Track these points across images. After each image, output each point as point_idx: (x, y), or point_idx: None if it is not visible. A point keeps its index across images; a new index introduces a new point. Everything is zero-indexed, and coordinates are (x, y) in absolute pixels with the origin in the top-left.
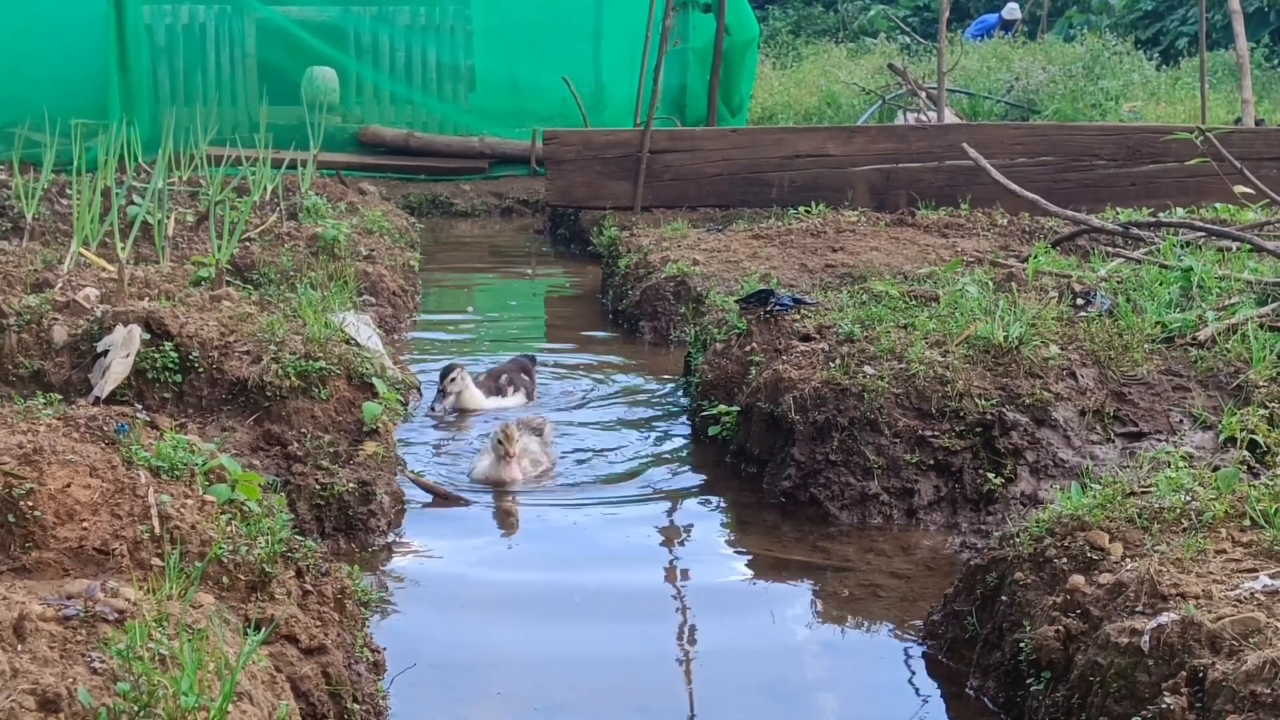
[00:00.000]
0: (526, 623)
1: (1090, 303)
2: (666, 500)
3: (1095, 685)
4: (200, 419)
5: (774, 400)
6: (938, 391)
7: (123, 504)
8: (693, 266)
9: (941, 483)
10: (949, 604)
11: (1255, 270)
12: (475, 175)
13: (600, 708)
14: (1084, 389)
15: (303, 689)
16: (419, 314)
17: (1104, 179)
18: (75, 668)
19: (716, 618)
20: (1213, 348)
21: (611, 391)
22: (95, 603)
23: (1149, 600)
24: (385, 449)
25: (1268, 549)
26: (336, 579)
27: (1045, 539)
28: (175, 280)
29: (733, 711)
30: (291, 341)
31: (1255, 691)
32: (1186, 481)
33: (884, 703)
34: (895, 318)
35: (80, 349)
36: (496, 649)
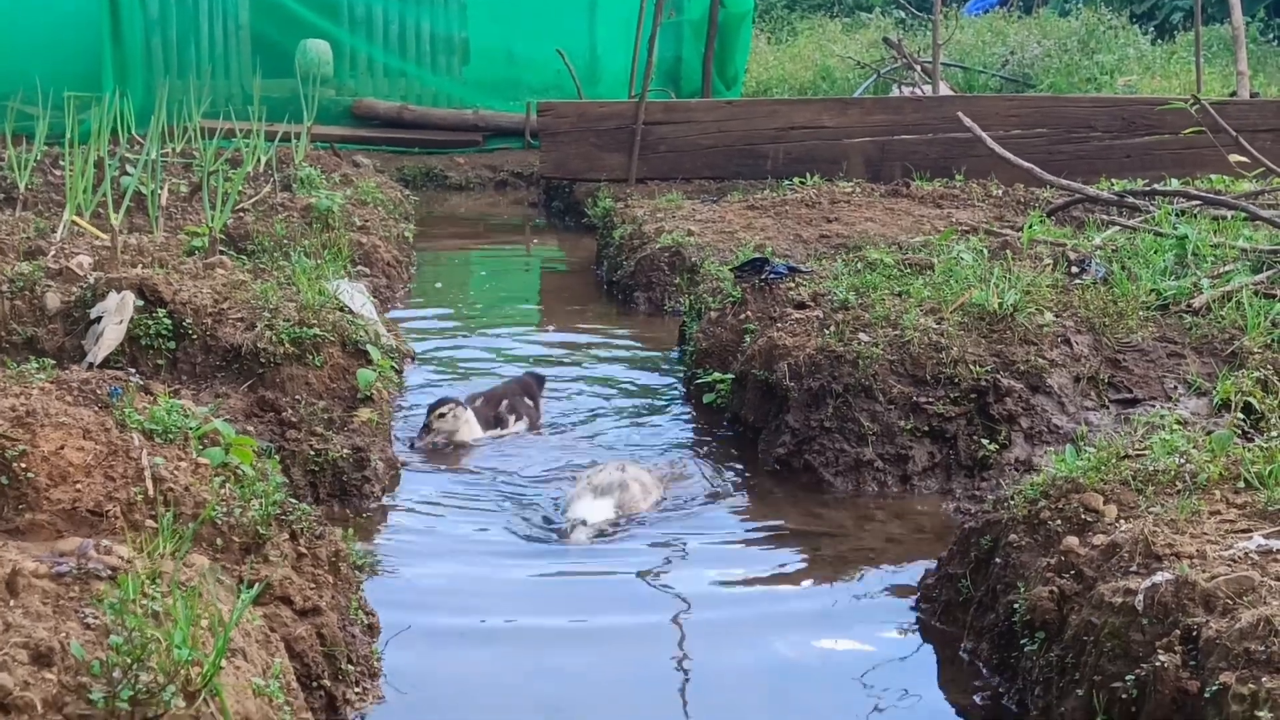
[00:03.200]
0: (522, 585)
1: (1085, 270)
2: (660, 465)
3: (1089, 645)
4: (194, 386)
5: (768, 367)
6: (932, 358)
7: (116, 466)
8: (687, 237)
9: (936, 449)
10: (943, 567)
11: (1250, 238)
12: (470, 148)
13: (595, 666)
14: (1079, 356)
15: (297, 650)
16: (413, 284)
17: (1099, 151)
18: (68, 623)
19: (708, 583)
20: (1207, 315)
21: (606, 361)
22: (88, 560)
23: (1143, 560)
24: (379, 415)
25: (1262, 510)
26: (331, 542)
27: (1040, 501)
28: (169, 249)
29: (723, 673)
30: (285, 308)
31: (1249, 649)
32: (1181, 444)
33: (877, 666)
34: (890, 285)
35: (73, 316)
36: (492, 612)
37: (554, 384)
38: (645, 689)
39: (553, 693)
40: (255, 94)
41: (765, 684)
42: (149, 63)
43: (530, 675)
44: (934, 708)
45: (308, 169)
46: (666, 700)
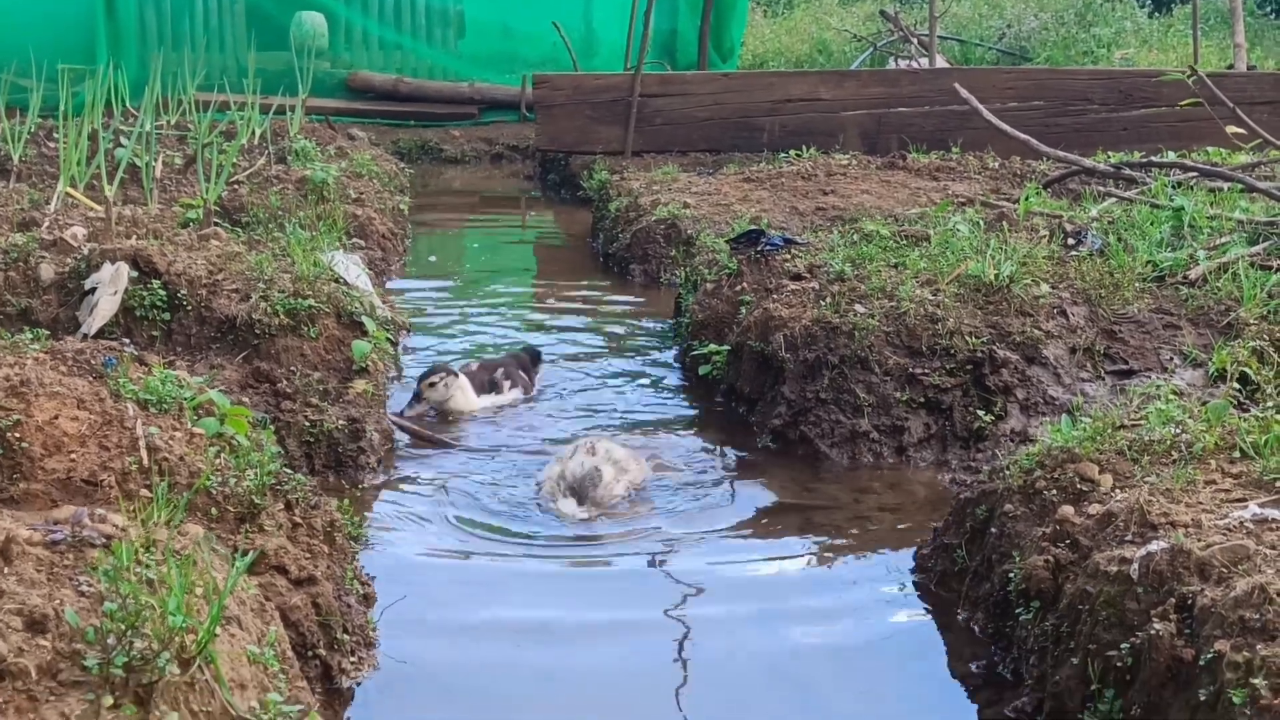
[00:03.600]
0: (517, 554)
1: (1081, 242)
2: (656, 436)
3: (1084, 614)
4: (189, 357)
5: (764, 339)
6: (928, 329)
7: (110, 436)
8: (683, 209)
9: (932, 420)
10: (939, 537)
11: (1246, 210)
12: (465, 121)
13: (592, 636)
14: (1074, 327)
15: (292, 619)
16: (408, 257)
17: (1095, 123)
18: (62, 590)
19: (704, 554)
20: (1203, 286)
21: (602, 334)
22: (82, 528)
23: (1138, 529)
24: (375, 387)
25: (1257, 479)
26: (326, 512)
27: (1035, 471)
28: (164, 221)
29: (718, 643)
30: (280, 280)
31: (1244, 617)
32: (1176, 414)
33: (875, 636)
34: (886, 257)
35: (68, 287)
36: (487, 580)
37: (549, 356)
38: (641, 656)
39: (549, 662)
40: (250, 66)
41: (761, 655)
42: (143, 35)
43: (527, 645)
44: (929, 676)
45: (303, 141)
46: (662, 669)
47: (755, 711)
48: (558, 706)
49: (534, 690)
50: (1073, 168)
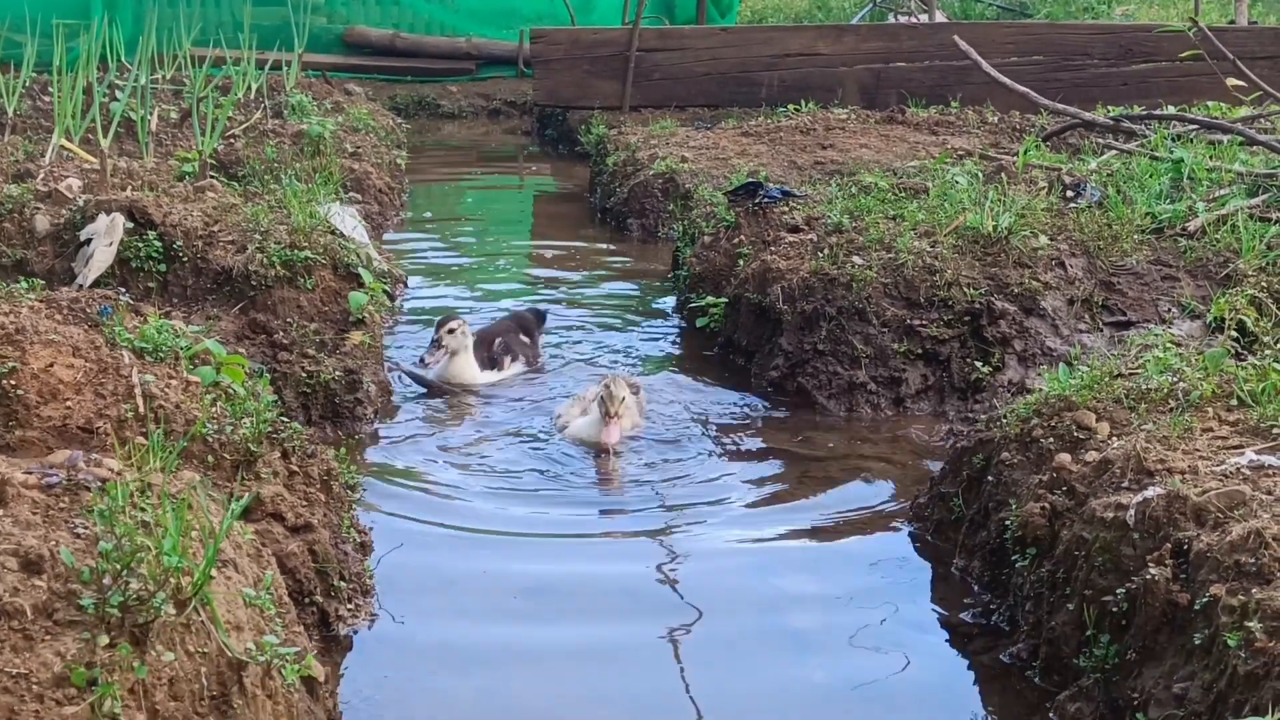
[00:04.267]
0: (513, 503)
1: (1080, 194)
2: (653, 389)
3: (1080, 560)
4: (185, 308)
5: (762, 291)
6: (926, 281)
7: (106, 384)
8: (681, 164)
9: (929, 371)
10: (935, 486)
11: (1246, 162)
12: (462, 76)
13: (589, 581)
14: (1073, 278)
15: (289, 565)
16: (405, 212)
17: (1095, 78)
18: (58, 532)
19: (700, 506)
20: (1202, 238)
21: (599, 288)
22: (77, 471)
23: (1135, 476)
24: (372, 338)
25: (1254, 426)
26: (323, 461)
27: (1032, 420)
28: (159, 174)
29: (714, 592)
30: (276, 231)
31: (1239, 561)
32: (1174, 362)
33: (870, 585)
34: (884, 209)
35: (63, 238)
36: (483, 528)
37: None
38: (637, 601)
39: (546, 612)
40: (246, 21)
41: (756, 604)
42: None
43: (524, 596)
44: (925, 624)
45: (299, 96)
46: (658, 621)
47: (749, 658)
48: (555, 655)
49: (531, 640)
50: (1072, 121)
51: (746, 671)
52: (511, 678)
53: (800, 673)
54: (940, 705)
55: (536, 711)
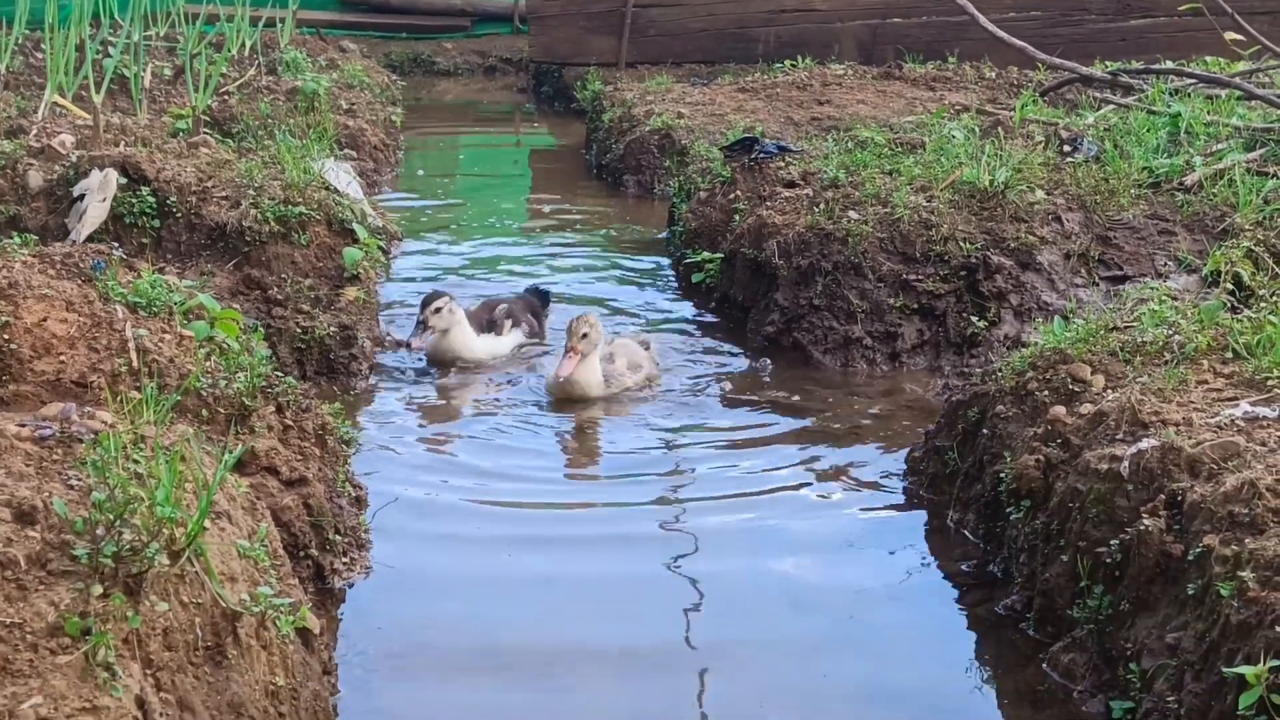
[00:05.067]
0: (508, 457)
1: (1077, 149)
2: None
3: (1074, 512)
4: (179, 264)
5: (758, 246)
6: (922, 236)
7: (100, 338)
8: (677, 120)
9: (925, 326)
10: (930, 440)
11: (1244, 116)
12: (458, 33)
13: (584, 540)
14: (1069, 233)
15: (284, 519)
16: (400, 169)
17: (1093, 34)
18: (51, 483)
19: (696, 461)
20: (1199, 192)
21: (595, 244)
22: (71, 424)
23: (1129, 428)
24: (366, 294)
25: (1249, 378)
26: (317, 415)
27: (1027, 373)
28: (153, 130)
29: (710, 548)
30: (270, 187)
31: (1233, 512)
32: (1169, 315)
33: (865, 538)
34: (880, 164)
35: (56, 194)
36: (479, 482)
37: (541, 265)
38: (633, 554)
39: (541, 565)
40: None
41: (753, 559)
42: None
43: (519, 550)
44: (921, 577)
45: (293, 53)
46: (653, 572)
47: (746, 613)
48: (550, 609)
49: (527, 594)
50: (1070, 76)
51: (740, 619)
52: (507, 630)
53: (795, 623)
54: (935, 656)
55: (534, 663)
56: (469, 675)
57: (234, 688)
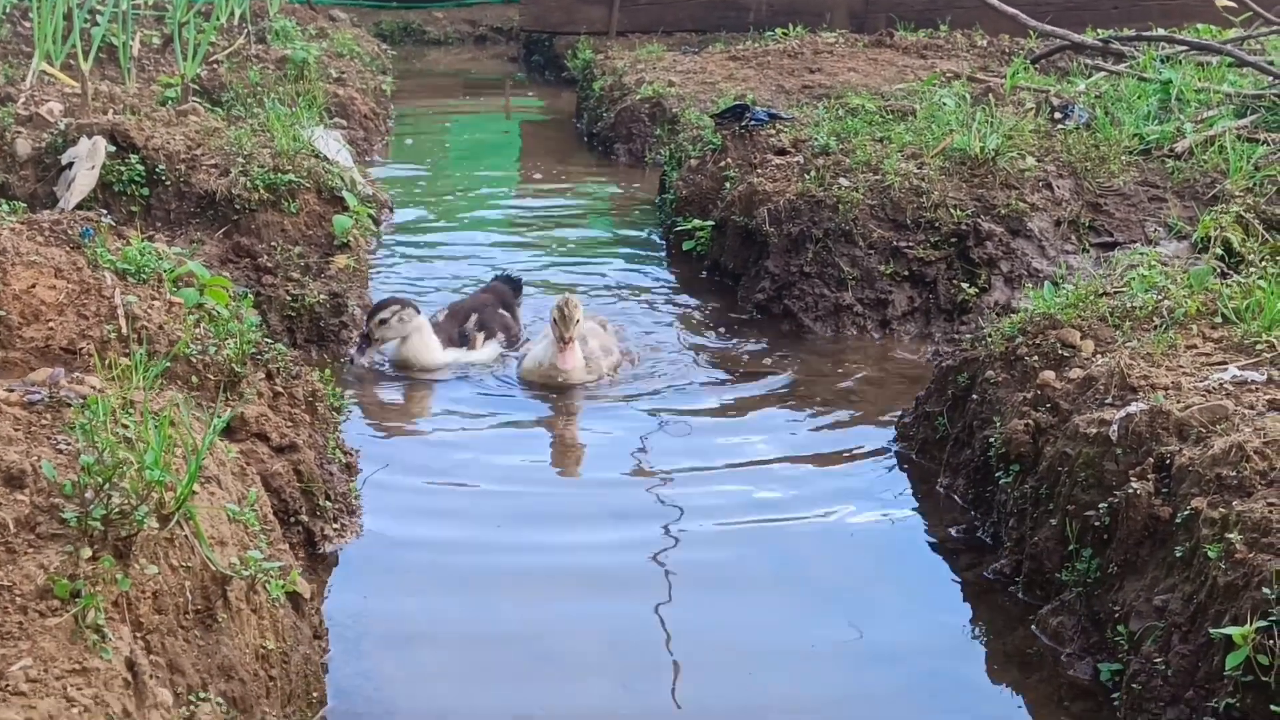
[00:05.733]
0: (500, 422)
1: (1068, 116)
2: (639, 312)
3: (1063, 476)
4: (169, 232)
5: (748, 213)
6: (913, 203)
7: (89, 305)
8: (668, 88)
9: (916, 293)
10: (920, 406)
11: (1235, 83)
12: (448, 2)
13: (577, 504)
14: (1060, 200)
15: (274, 485)
16: (390, 138)
17: (1085, 1)
18: (40, 447)
19: (689, 427)
20: (1190, 159)
21: (586, 212)
22: (59, 389)
23: (1118, 392)
24: (356, 262)
25: (1238, 343)
26: (308, 382)
27: (1017, 338)
28: (142, 98)
29: (701, 515)
30: (260, 155)
31: (1221, 474)
32: (1159, 280)
33: (856, 503)
34: (871, 131)
35: (45, 162)
36: (472, 452)
37: (531, 233)
38: (622, 519)
39: (531, 535)
40: None
41: (743, 525)
42: None
43: (508, 519)
44: (910, 542)
45: (283, 21)
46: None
47: (737, 579)
48: (539, 571)
49: (516, 558)
50: (1061, 43)
51: (727, 586)
52: (497, 594)
53: (784, 587)
54: (925, 620)
55: (522, 626)
56: (459, 639)
57: (224, 651)
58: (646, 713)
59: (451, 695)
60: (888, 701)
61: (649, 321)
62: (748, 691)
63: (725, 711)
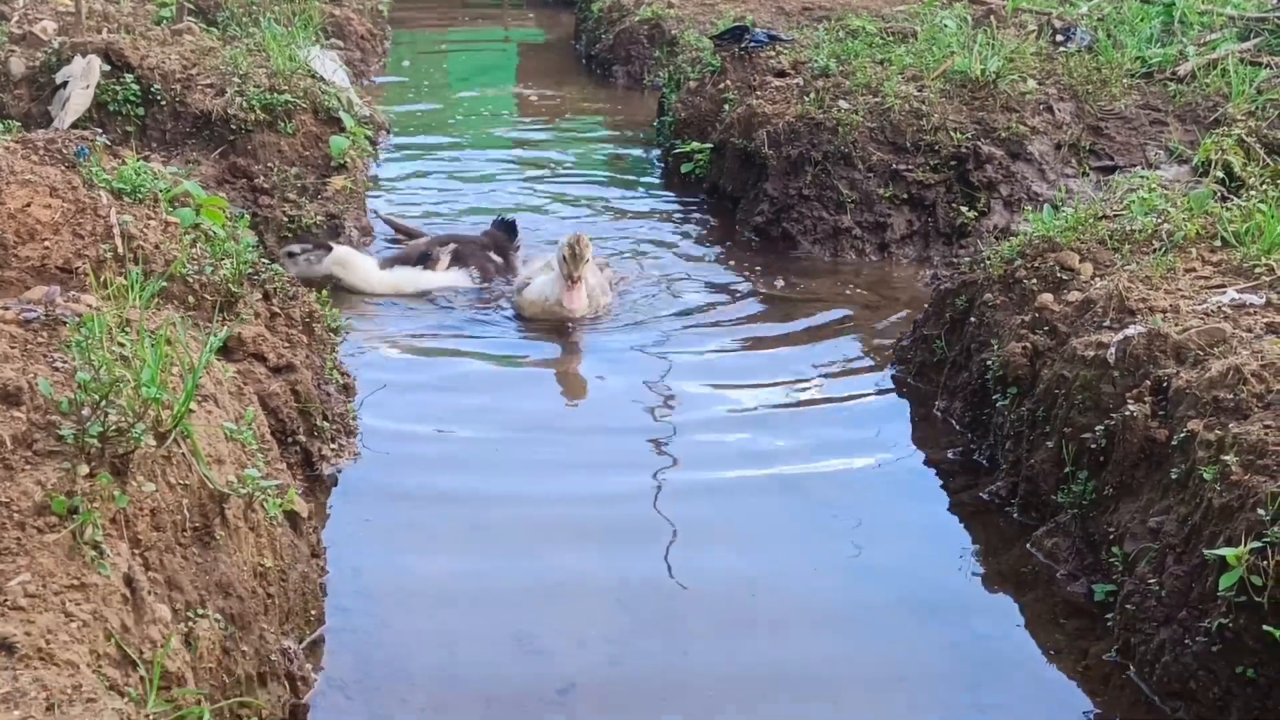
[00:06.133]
0: (499, 347)
1: (1070, 38)
2: (638, 235)
3: (1060, 398)
4: (164, 152)
5: (747, 136)
6: (913, 125)
7: (85, 224)
8: (667, 9)
9: (914, 217)
10: (918, 329)
11: (1238, 6)
12: None
13: (569, 421)
14: (1060, 123)
15: (271, 405)
16: (387, 60)
17: None
18: (36, 365)
19: (683, 349)
20: (1192, 82)
21: (584, 135)
22: (55, 307)
23: (1117, 315)
24: (353, 183)
25: (1237, 266)
26: (305, 303)
27: (1016, 261)
28: (136, 17)
29: (699, 438)
30: (256, 75)
31: (1217, 397)
32: (1159, 204)
33: (853, 426)
34: (871, 53)
35: (39, 81)
36: (469, 371)
37: (528, 155)
38: (620, 444)
39: (530, 455)
40: None
41: (740, 447)
42: None
43: (509, 440)
44: (907, 464)
45: None
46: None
47: (736, 504)
48: (537, 497)
49: (514, 484)
50: None
51: (727, 505)
52: (494, 517)
53: (782, 510)
54: (921, 541)
55: (521, 546)
56: (456, 559)
57: (222, 568)
58: (647, 627)
59: (450, 613)
60: (886, 618)
61: (647, 244)
62: (747, 609)
63: (725, 627)
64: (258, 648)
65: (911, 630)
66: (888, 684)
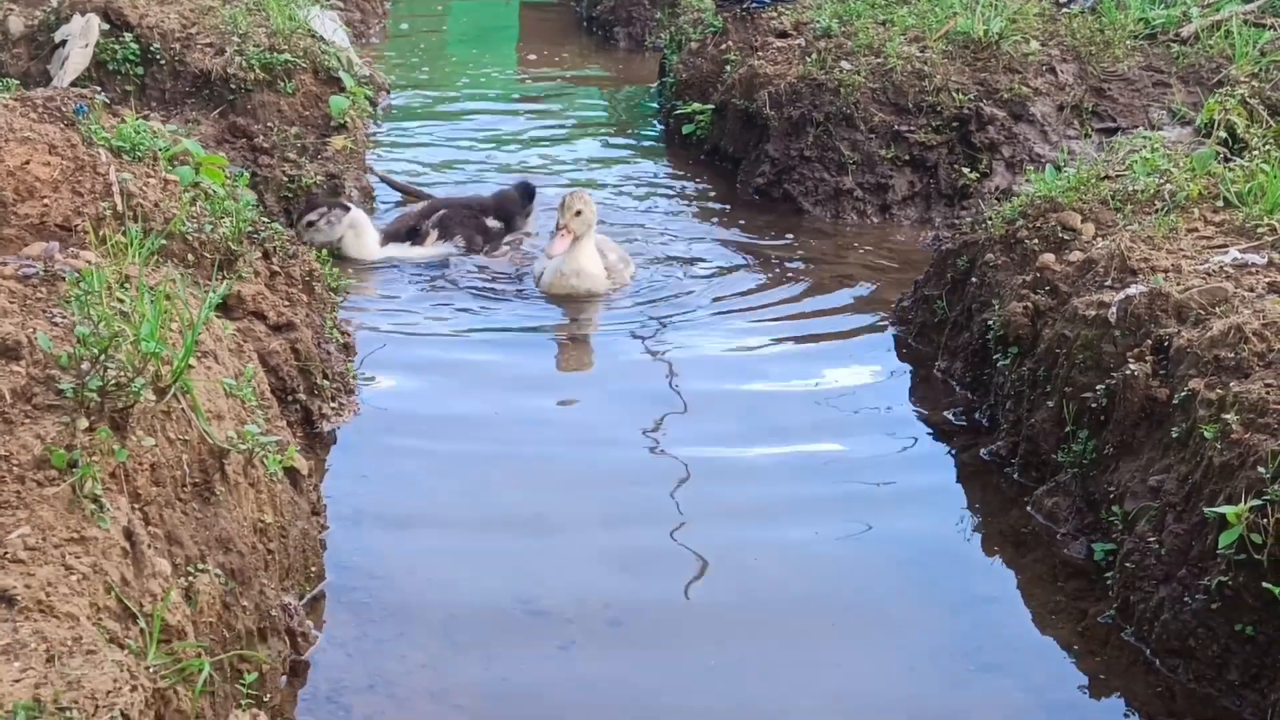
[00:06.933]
0: (499, 307)
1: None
2: (639, 197)
3: (1061, 358)
4: (164, 112)
5: (749, 97)
6: (915, 86)
7: (84, 182)
8: None
9: (916, 178)
10: (919, 289)
11: None
12: None
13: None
14: (1063, 84)
15: (272, 363)
16: (388, 20)
17: None
18: (35, 320)
19: (686, 310)
20: (1195, 43)
21: (585, 98)
22: (54, 263)
23: (1118, 275)
24: (353, 143)
25: (1239, 226)
26: (305, 262)
27: (1017, 221)
28: None
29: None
30: (255, 34)
31: (1218, 356)
32: (1161, 164)
33: (854, 386)
34: (874, 13)
35: (38, 40)
36: (471, 334)
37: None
38: (622, 403)
39: (531, 415)
40: None
41: (740, 404)
42: None
43: (510, 401)
44: (908, 424)
45: None
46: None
47: (737, 459)
48: (535, 454)
49: (512, 440)
50: None
51: (728, 466)
52: (492, 475)
53: (783, 469)
54: (922, 500)
55: (520, 505)
56: (455, 516)
57: (222, 524)
58: (644, 588)
59: (450, 571)
60: (885, 578)
61: (648, 206)
62: (747, 572)
63: (725, 587)
64: (258, 603)
65: (910, 591)
66: (885, 644)
